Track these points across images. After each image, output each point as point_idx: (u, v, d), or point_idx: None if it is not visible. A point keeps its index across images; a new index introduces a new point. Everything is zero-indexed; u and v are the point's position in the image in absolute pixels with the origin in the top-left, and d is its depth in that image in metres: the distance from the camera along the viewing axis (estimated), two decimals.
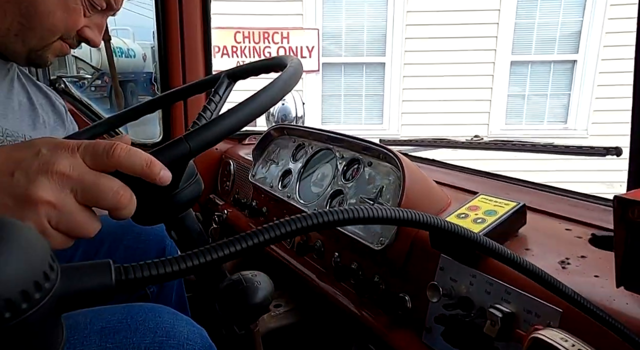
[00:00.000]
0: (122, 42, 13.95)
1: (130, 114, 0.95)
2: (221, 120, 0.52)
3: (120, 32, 14.76)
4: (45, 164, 0.36)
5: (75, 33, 0.70)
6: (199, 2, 1.21)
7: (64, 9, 0.66)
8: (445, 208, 0.73)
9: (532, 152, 0.78)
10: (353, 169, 0.87)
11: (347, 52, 5.10)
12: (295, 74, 0.67)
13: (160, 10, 1.20)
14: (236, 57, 4.99)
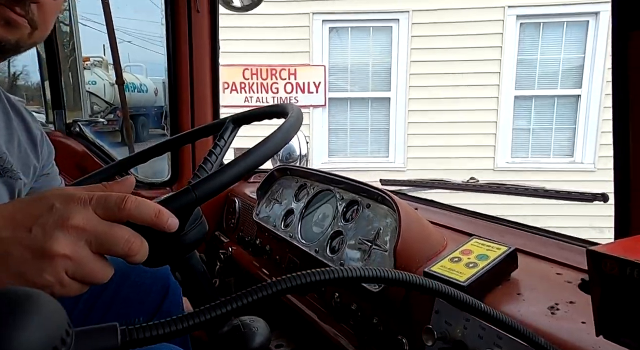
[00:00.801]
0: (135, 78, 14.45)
1: (140, 157, 1.00)
2: (226, 169, 0.56)
3: (134, 68, 15.28)
4: (61, 219, 0.38)
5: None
6: (208, 50, 1.28)
7: None
8: (441, 250, 0.74)
9: (523, 196, 0.80)
10: (352, 210, 0.89)
11: (353, 87, 5.24)
12: (296, 124, 0.72)
13: (172, 57, 1.27)
14: (244, 93, 5.14)
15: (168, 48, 1.26)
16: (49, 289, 0.38)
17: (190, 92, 1.29)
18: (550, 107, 5.02)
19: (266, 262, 1.14)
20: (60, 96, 1.19)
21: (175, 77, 1.27)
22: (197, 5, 1.21)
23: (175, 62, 1.26)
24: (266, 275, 1.14)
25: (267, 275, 1.13)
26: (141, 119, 14.76)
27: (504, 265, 0.61)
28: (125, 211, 0.41)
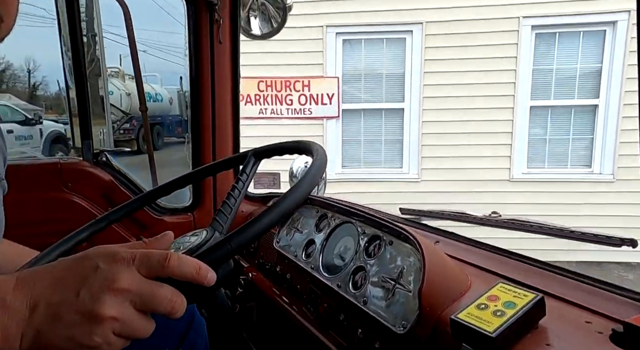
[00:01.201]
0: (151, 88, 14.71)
1: (164, 190, 1.02)
2: (259, 219, 0.58)
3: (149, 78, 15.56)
4: (107, 281, 0.41)
5: None
6: (229, 80, 1.31)
7: None
8: (465, 291, 0.74)
9: (548, 235, 0.80)
10: (375, 245, 0.90)
11: (367, 98, 5.25)
12: (322, 167, 0.73)
13: (195, 87, 1.30)
14: (259, 104, 5.19)
15: (191, 78, 1.28)
16: (96, 349, 0.41)
17: (212, 122, 1.32)
18: (567, 118, 4.96)
19: (287, 290, 1.15)
20: (88, 127, 1.23)
21: (197, 106, 1.29)
22: (219, 36, 1.23)
23: (198, 92, 1.29)
24: (286, 303, 1.14)
25: (288, 303, 1.14)
26: (156, 128, 15.03)
27: (532, 314, 0.61)
28: (168, 269, 0.43)
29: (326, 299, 0.95)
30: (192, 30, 1.23)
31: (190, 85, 1.32)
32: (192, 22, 1.23)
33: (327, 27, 4.97)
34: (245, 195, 1.44)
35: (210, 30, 1.23)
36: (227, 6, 1.23)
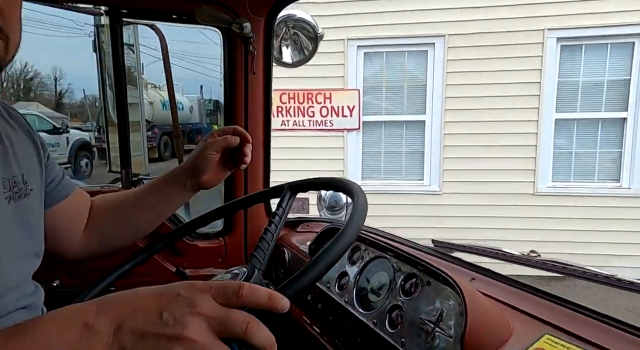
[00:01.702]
0: None
1: (202, 221, 1.04)
2: (309, 269, 0.59)
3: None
4: (188, 307, 0.44)
5: None
6: (261, 108, 1.33)
7: None
8: (507, 337, 0.74)
9: (591, 281, 0.78)
10: (411, 283, 0.90)
11: (388, 110, 5.24)
12: (365, 211, 0.73)
13: (229, 115, 1.32)
14: (281, 116, 5.24)
15: (225, 107, 1.31)
16: None
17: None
18: (594, 130, 4.85)
19: (317, 320, 1.15)
20: (128, 157, 1.27)
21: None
22: (253, 67, 1.26)
23: (231, 121, 1.32)
24: (317, 333, 1.15)
25: (318, 333, 1.14)
26: None
27: None
28: (242, 299, 0.45)
29: (361, 335, 0.95)
30: (227, 61, 1.26)
31: (224, 114, 1.35)
32: (228, 53, 1.25)
33: (348, 41, 5.00)
34: (267, 211, 1.47)
35: (244, 61, 1.25)
36: (261, 38, 1.26)
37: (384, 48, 5.07)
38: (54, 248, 0.85)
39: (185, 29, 1.51)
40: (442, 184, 5.13)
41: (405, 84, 5.14)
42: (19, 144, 0.75)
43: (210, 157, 0.88)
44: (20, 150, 0.74)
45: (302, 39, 1.38)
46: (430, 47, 4.92)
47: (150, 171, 2.06)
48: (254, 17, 1.22)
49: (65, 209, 0.86)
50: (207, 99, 19.82)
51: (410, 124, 5.21)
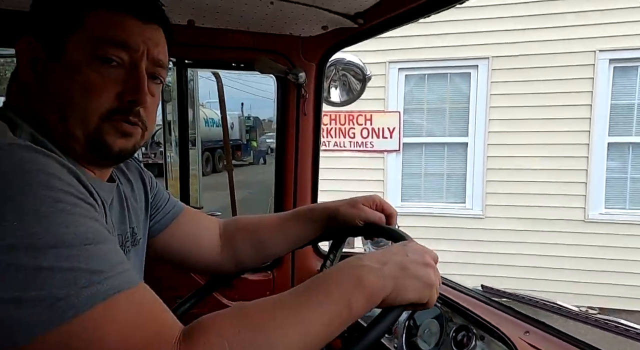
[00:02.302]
0: (214, 113, 15.52)
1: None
2: (372, 330, 0.62)
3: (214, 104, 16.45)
4: (431, 263, 0.66)
5: (116, 106, 0.62)
6: (311, 147, 1.38)
7: (82, 87, 0.60)
8: None
9: None
10: (463, 335, 0.90)
11: (429, 132, 5.20)
12: None
13: (280, 152, 1.38)
14: (322, 137, 5.28)
15: (277, 143, 1.37)
16: (433, 287, 0.64)
17: (294, 184, 1.39)
18: None
19: None
20: (188, 191, 1.35)
21: (282, 171, 1.38)
22: (304, 109, 1.31)
23: (282, 156, 1.38)
24: None
25: None
26: (218, 152, 15.78)
27: None
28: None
29: None
30: (281, 103, 1.33)
31: (276, 150, 1.41)
32: (281, 97, 1.32)
33: (389, 64, 5.04)
34: (318, 250, 1.50)
35: (296, 104, 1.31)
36: (313, 82, 1.31)
37: (425, 70, 5.06)
38: (183, 263, 0.95)
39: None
40: (485, 207, 5.00)
41: (447, 106, 5.09)
42: (132, 195, 0.82)
43: (355, 222, 0.92)
44: (132, 202, 0.81)
45: (350, 80, 1.42)
46: (474, 69, 4.87)
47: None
48: (306, 63, 1.28)
49: (177, 229, 0.92)
50: (246, 116, 20.38)
51: (452, 146, 5.14)
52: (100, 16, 0.61)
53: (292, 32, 1.23)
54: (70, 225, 0.47)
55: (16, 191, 0.45)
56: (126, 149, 0.66)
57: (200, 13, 1.08)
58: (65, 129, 0.61)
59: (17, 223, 0.44)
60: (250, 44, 1.22)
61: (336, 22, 1.15)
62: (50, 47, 0.61)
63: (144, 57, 0.64)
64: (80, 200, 0.50)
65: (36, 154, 0.50)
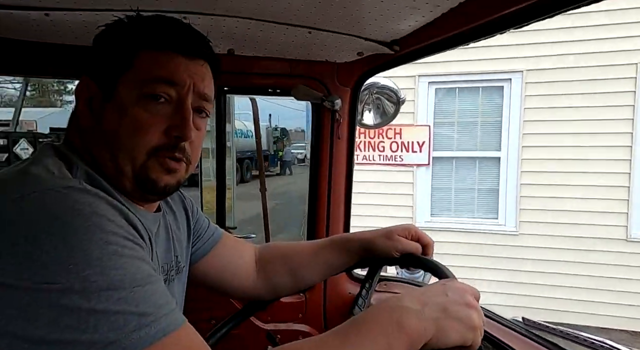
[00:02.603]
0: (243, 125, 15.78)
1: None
2: None
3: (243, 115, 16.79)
4: (473, 303, 0.64)
5: (163, 142, 0.64)
6: (344, 170, 1.39)
7: (131, 125, 0.62)
8: None
9: None
10: None
11: (460, 146, 5.12)
12: None
13: (314, 174, 1.39)
14: None
15: (311, 165, 1.39)
16: (475, 329, 0.62)
17: (327, 206, 1.40)
18: None
19: None
20: (223, 216, 1.38)
21: (315, 196, 1.38)
22: (338, 133, 1.32)
23: (316, 178, 1.39)
24: None
25: None
26: (246, 162, 16.04)
27: None
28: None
29: None
30: (315, 127, 1.34)
31: (310, 172, 1.42)
32: (316, 121, 1.33)
33: (419, 77, 5.01)
34: (351, 274, 1.49)
35: (331, 128, 1.32)
36: (347, 106, 1.32)
37: (456, 84, 5.00)
38: (220, 289, 0.96)
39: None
40: (519, 224, 4.85)
41: (479, 120, 5.00)
42: (175, 224, 0.84)
43: (391, 254, 0.91)
44: (175, 230, 0.83)
45: (384, 103, 1.43)
46: (507, 83, 4.78)
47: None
48: (341, 87, 1.29)
49: (216, 256, 0.94)
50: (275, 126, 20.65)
51: (484, 161, 5.03)
52: (148, 56, 0.64)
53: (327, 59, 1.24)
54: (120, 268, 0.49)
55: (70, 234, 0.47)
56: (171, 184, 0.68)
57: (240, 43, 1.11)
58: (115, 166, 0.64)
59: (72, 266, 0.46)
60: (286, 70, 1.25)
61: (372, 49, 1.16)
62: (105, 88, 0.65)
63: (190, 92, 0.66)
64: (129, 241, 0.53)
65: (89, 196, 0.53)
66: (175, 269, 0.80)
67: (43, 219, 0.47)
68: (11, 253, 0.46)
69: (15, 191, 0.50)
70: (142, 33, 0.65)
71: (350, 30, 1.03)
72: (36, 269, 0.45)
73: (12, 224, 0.47)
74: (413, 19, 0.95)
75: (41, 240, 0.46)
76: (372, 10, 0.88)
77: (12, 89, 20.42)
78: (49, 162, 0.58)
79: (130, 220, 0.56)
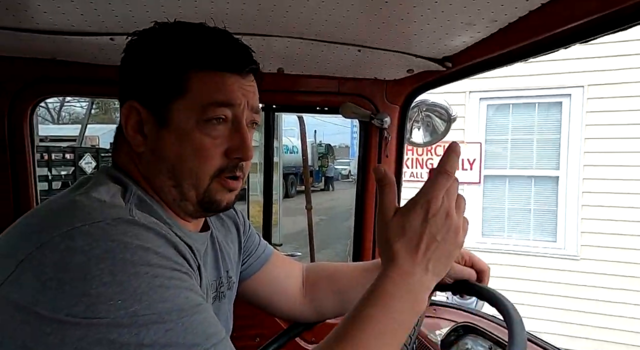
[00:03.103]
0: (289, 141, 16.04)
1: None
2: None
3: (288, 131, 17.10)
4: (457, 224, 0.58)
5: (224, 164, 0.64)
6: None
7: (193, 151, 0.62)
8: None
9: None
10: None
11: (513, 164, 4.89)
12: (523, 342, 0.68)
13: (361, 193, 1.37)
14: None
15: (358, 187, 1.36)
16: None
17: (374, 227, 1.36)
18: None
19: None
20: (269, 234, 1.39)
21: (361, 215, 1.36)
22: (386, 151, 1.30)
23: (363, 197, 1.37)
24: None
25: None
26: (291, 178, 16.23)
27: None
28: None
29: None
30: (363, 145, 1.33)
31: (356, 190, 1.40)
32: (364, 139, 1.32)
33: (470, 93, 4.87)
34: None
35: (378, 146, 1.30)
36: (396, 124, 1.30)
37: (510, 100, 4.81)
38: (267, 308, 0.95)
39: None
40: (580, 248, 4.52)
41: (535, 137, 4.76)
42: (225, 239, 0.84)
43: (443, 280, 0.86)
44: (225, 246, 0.82)
45: (434, 121, 1.39)
46: (566, 98, 4.53)
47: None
48: (390, 105, 1.27)
49: (266, 275, 0.93)
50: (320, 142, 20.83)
51: (540, 180, 4.77)
52: (202, 77, 0.62)
53: (376, 76, 1.23)
54: (168, 300, 0.49)
55: (118, 269, 0.48)
56: (231, 201, 0.68)
57: (289, 62, 1.12)
58: (180, 193, 0.64)
59: (120, 302, 0.46)
60: (334, 88, 1.25)
61: (423, 66, 1.13)
62: (158, 113, 0.63)
63: (245, 109, 0.65)
64: (176, 271, 0.53)
65: (137, 227, 0.53)
66: (227, 285, 0.80)
67: (91, 253, 0.48)
68: (61, 288, 0.46)
69: (64, 223, 0.51)
70: (193, 51, 0.63)
71: (400, 48, 1.02)
72: (86, 304, 0.46)
73: (61, 258, 0.48)
74: (467, 35, 0.92)
75: (90, 275, 0.47)
76: (425, 27, 0.86)
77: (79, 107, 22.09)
78: (102, 190, 0.58)
79: (179, 248, 0.56)
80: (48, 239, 0.49)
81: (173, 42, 0.64)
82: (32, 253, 0.48)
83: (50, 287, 0.46)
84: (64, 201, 0.57)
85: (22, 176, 1.10)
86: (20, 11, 0.75)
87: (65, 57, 1.04)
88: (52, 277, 0.47)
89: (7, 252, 0.51)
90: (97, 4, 0.74)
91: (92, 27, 0.84)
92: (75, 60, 1.07)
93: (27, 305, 0.46)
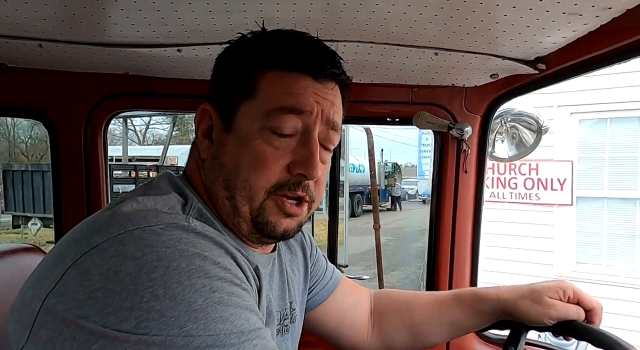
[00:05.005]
0: (355, 160, 15.95)
1: None
2: None
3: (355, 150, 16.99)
4: None
5: (284, 179, 0.57)
6: (471, 210, 1.22)
7: (251, 160, 0.56)
8: None
9: None
10: None
11: (612, 185, 4.35)
12: None
13: (435, 213, 1.25)
14: None
15: (432, 206, 1.25)
16: None
17: (450, 250, 1.23)
18: None
19: None
20: (334, 255, 1.32)
21: (436, 231, 1.24)
22: (465, 166, 1.17)
23: (438, 217, 1.24)
24: None
25: None
26: (357, 197, 16.03)
27: None
28: None
29: None
30: (438, 158, 1.22)
31: (430, 210, 1.28)
32: (439, 151, 1.21)
33: (558, 107, 4.45)
34: (482, 334, 1.27)
35: (456, 160, 1.18)
36: (476, 136, 1.17)
37: (606, 114, 4.32)
38: (333, 341, 0.86)
39: None
40: None
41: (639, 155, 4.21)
42: (291, 265, 0.76)
43: (542, 322, 0.74)
44: (291, 273, 0.75)
45: (521, 132, 1.23)
46: None
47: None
48: (469, 115, 1.15)
49: (334, 304, 0.85)
50: (386, 161, 20.46)
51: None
52: (272, 77, 0.57)
53: (454, 83, 1.12)
54: (227, 321, 0.43)
55: (172, 280, 0.43)
56: (291, 228, 0.60)
57: (358, 69, 1.06)
58: (233, 206, 0.58)
59: (173, 318, 0.41)
60: (406, 97, 1.16)
61: (509, 69, 1.01)
62: (226, 116, 0.59)
63: (318, 120, 0.58)
64: (236, 286, 0.47)
65: (193, 235, 0.48)
66: (290, 318, 0.72)
67: (143, 260, 0.43)
68: (109, 299, 0.42)
69: (117, 227, 0.47)
70: (266, 49, 0.58)
71: (483, 49, 0.90)
72: (137, 319, 0.41)
73: (110, 265, 0.43)
74: (562, 33, 0.79)
75: (142, 286, 0.42)
76: (516, 22, 0.75)
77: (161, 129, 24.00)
78: (158, 198, 0.54)
79: (238, 261, 0.50)
80: (97, 243, 0.45)
81: (248, 42, 0.61)
82: (80, 258, 0.45)
83: (97, 298, 0.42)
84: (122, 206, 0.53)
85: (94, 190, 1.14)
86: (94, 24, 0.77)
87: (136, 72, 1.08)
88: (99, 287, 0.42)
89: (58, 257, 0.48)
90: (163, 12, 0.74)
91: (160, 38, 0.85)
92: (144, 75, 1.10)
93: (74, 318, 0.42)
